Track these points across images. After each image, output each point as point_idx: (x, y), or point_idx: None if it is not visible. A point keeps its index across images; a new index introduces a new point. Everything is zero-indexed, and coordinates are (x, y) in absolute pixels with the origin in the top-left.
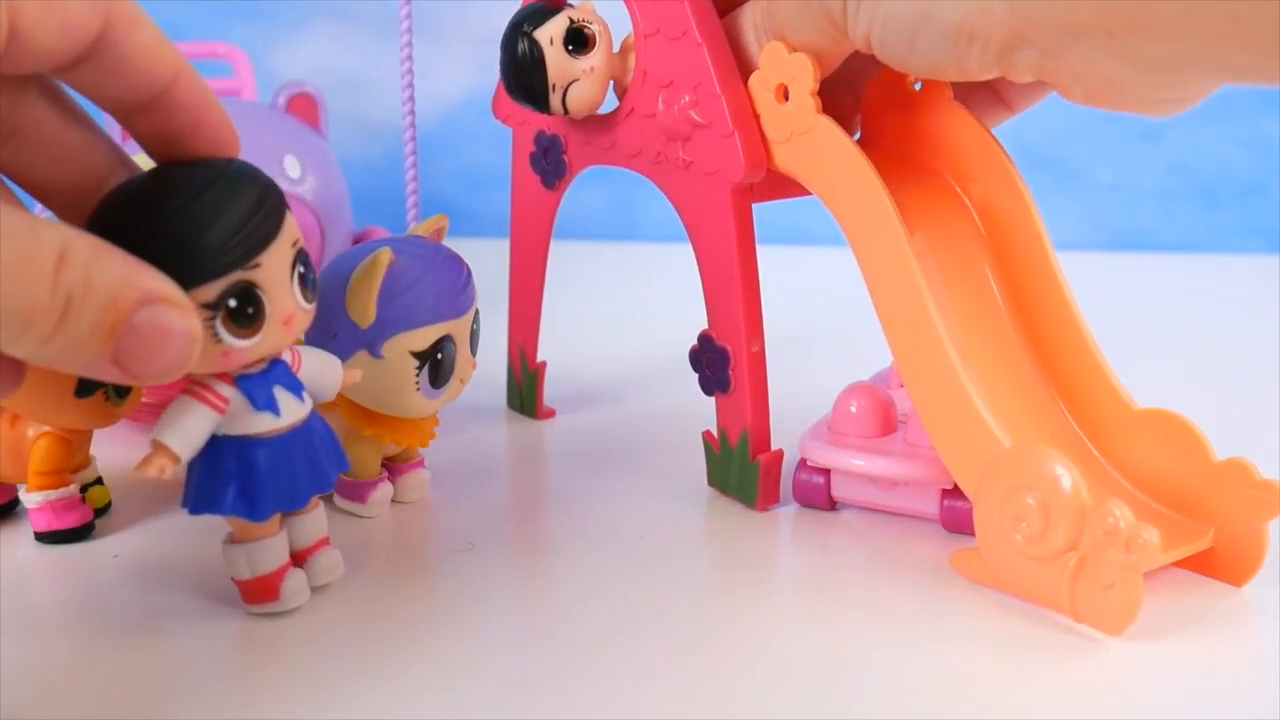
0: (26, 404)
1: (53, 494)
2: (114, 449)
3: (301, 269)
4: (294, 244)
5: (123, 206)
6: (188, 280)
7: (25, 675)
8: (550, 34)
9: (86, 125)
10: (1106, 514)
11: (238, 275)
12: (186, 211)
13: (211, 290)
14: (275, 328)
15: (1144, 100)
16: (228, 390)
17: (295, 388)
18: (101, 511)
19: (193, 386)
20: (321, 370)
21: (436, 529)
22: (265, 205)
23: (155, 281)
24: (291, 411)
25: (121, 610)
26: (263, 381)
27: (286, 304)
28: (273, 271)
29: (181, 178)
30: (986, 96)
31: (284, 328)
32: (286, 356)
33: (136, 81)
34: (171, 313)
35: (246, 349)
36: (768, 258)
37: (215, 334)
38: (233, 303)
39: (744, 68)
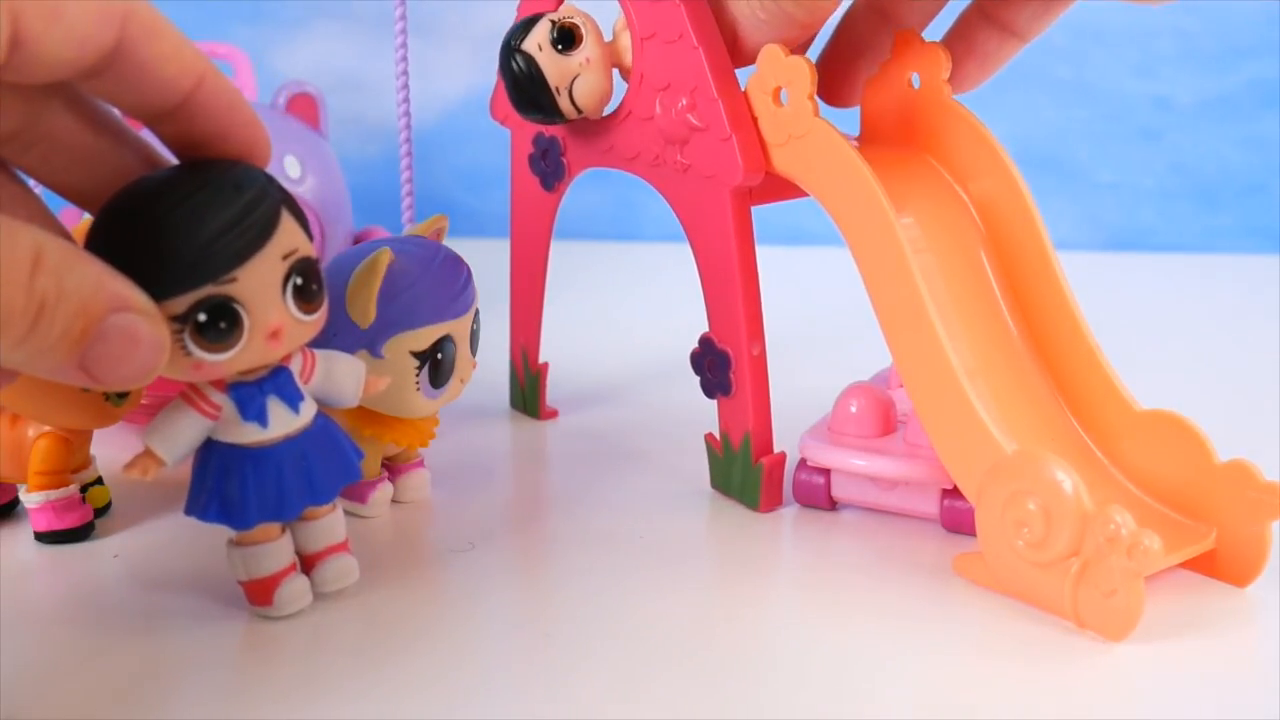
0: (27, 404)
1: (53, 494)
2: (114, 449)
3: (299, 280)
4: (287, 255)
5: (109, 211)
6: (157, 292)
7: (25, 675)
8: (537, 40)
9: (113, 127)
10: (1108, 520)
11: (209, 290)
12: (161, 222)
13: (180, 304)
14: (257, 342)
15: None
16: (219, 397)
17: (293, 398)
18: (101, 511)
19: (186, 391)
20: (338, 376)
21: (436, 529)
22: (249, 217)
23: (126, 289)
24: (283, 423)
25: (121, 610)
26: (256, 391)
27: (272, 317)
28: (254, 285)
29: (167, 185)
30: (994, 33)
31: (269, 341)
32: (295, 363)
33: (159, 88)
34: (140, 321)
35: (220, 363)
36: (766, 258)
37: (184, 347)
38: (202, 317)
39: (726, 32)
